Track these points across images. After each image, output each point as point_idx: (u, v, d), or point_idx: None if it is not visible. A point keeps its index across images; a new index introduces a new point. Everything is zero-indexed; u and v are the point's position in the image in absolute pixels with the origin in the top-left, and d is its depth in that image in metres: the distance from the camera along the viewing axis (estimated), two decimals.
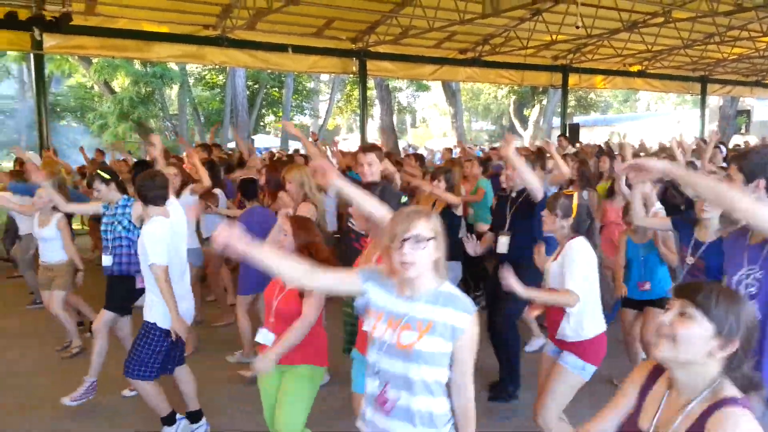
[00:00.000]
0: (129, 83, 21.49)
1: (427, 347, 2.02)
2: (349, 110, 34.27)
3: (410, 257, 2.00)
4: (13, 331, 6.29)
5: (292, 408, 3.05)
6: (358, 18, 12.77)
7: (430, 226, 2.04)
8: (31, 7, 9.89)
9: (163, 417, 3.92)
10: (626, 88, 21.32)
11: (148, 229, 3.73)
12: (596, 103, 41.36)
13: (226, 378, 4.98)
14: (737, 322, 1.57)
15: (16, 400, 4.62)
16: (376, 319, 2.12)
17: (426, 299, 2.06)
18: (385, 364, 2.09)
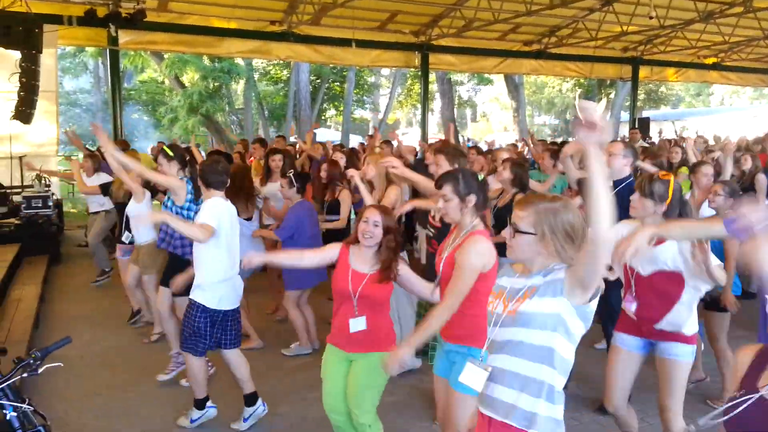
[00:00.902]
0: (198, 78, 22.14)
1: (532, 308, 2.04)
2: (409, 104, 34.24)
3: (509, 241, 2.11)
4: (93, 314, 6.62)
5: (369, 394, 3.14)
6: (422, 11, 12.73)
7: (532, 221, 2.06)
8: (108, 4, 10.36)
9: (197, 399, 4.07)
10: (700, 81, 20.43)
11: (208, 203, 3.89)
12: (667, 97, 39.78)
13: (288, 367, 5.10)
14: None
15: (90, 382, 4.86)
16: (496, 298, 2.20)
17: (537, 273, 2.10)
18: (499, 334, 2.14)
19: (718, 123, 27.91)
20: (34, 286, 6.73)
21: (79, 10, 10.41)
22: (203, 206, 3.92)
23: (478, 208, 2.89)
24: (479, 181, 2.94)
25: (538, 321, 2.04)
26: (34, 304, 6.06)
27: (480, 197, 2.88)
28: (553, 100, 39.44)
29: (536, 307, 2.04)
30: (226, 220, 3.90)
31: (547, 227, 2.04)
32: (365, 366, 3.13)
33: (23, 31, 8.88)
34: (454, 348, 2.89)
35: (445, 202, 2.88)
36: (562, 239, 2.04)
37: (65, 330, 5.88)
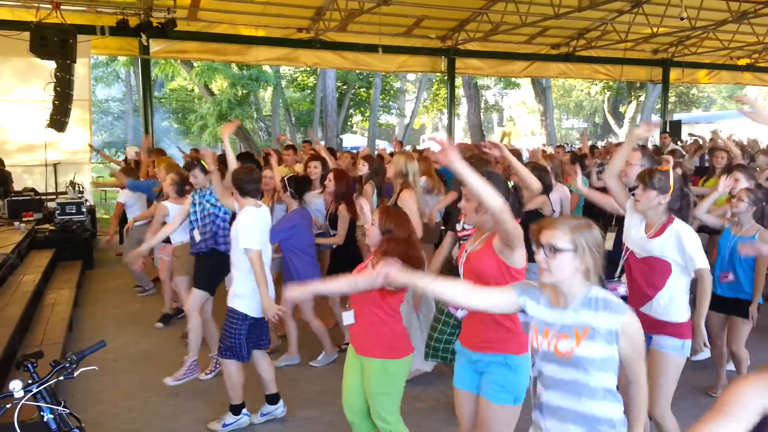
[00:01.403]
0: (227, 86, 22.47)
1: (588, 352, 2.04)
2: (435, 109, 34.22)
3: (544, 264, 2.08)
4: (126, 318, 6.73)
5: (381, 402, 3.10)
6: (448, 16, 12.72)
7: (568, 238, 2.06)
8: (140, 14, 10.57)
9: (233, 405, 4.10)
10: (733, 82, 19.99)
11: (241, 218, 3.94)
12: (698, 99, 39.08)
13: (315, 373, 5.11)
14: None
15: (123, 385, 4.93)
16: (534, 332, 2.19)
17: (580, 304, 2.09)
18: (551, 370, 2.14)
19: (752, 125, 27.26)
20: (68, 291, 6.87)
21: (111, 20, 10.65)
22: (239, 223, 3.92)
23: None
24: (507, 186, 2.90)
25: (597, 365, 2.05)
26: (68, 308, 6.18)
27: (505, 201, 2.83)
28: (581, 103, 39.03)
29: (594, 352, 2.04)
30: (260, 229, 3.95)
31: (584, 242, 2.06)
32: (370, 372, 3.11)
33: (58, 41, 9.12)
34: (485, 357, 2.78)
35: (466, 202, 2.86)
36: (597, 253, 2.09)
37: (98, 333, 5.99)
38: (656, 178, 3.22)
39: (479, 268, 2.77)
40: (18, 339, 5.05)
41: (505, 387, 2.70)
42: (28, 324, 5.58)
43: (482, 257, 2.78)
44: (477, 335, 2.79)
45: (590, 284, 2.10)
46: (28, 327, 5.53)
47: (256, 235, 3.88)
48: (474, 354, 2.81)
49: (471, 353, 2.83)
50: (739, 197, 4.28)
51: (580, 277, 2.09)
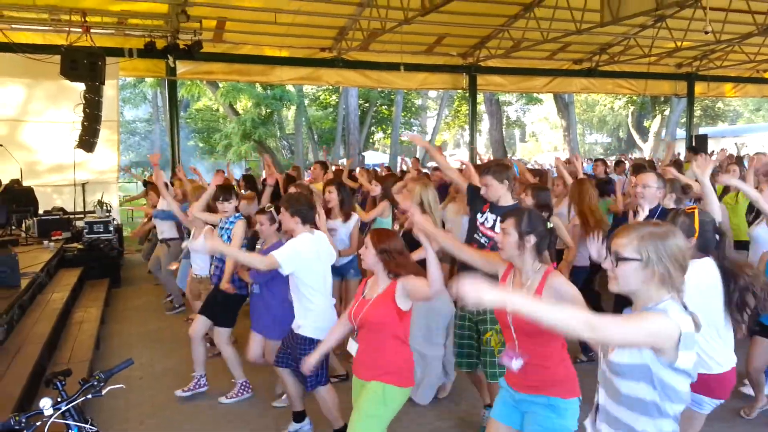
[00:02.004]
0: (251, 105, 22.81)
1: (619, 358, 2.00)
2: (457, 125, 34.25)
3: (611, 273, 2.03)
4: (152, 335, 6.79)
5: (366, 424, 3.03)
6: (469, 33, 12.77)
7: (635, 246, 1.96)
8: (167, 36, 10.81)
9: (336, 429, 4.00)
10: (760, 96, 19.71)
11: (293, 240, 3.92)
12: (724, 113, 38.53)
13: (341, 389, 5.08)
14: None
15: (150, 403, 4.95)
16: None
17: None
18: (602, 382, 2.13)
19: None
20: (95, 309, 6.97)
21: (139, 42, 10.92)
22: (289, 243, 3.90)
23: (539, 253, 2.77)
24: (546, 226, 2.85)
25: (627, 372, 2.00)
26: (96, 325, 6.26)
27: (542, 242, 2.77)
28: (605, 117, 38.73)
29: (624, 358, 2.00)
30: (317, 254, 3.93)
31: (653, 252, 1.94)
32: (368, 392, 3.08)
33: (88, 64, 9.36)
34: (528, 398, 2.73)
35: (503, 236, 2.80)
36: (671, 264, 1.95)
37: (125, 351, 6.06)
38: (678, 222, 3.02)
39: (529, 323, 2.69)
40: (47, 356, 5.13)
41: (549, 430, 2.66)
42: (57, 341, 5.67)
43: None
44: (522, 376, 2.74)
45: (669, 296, 1.96)
46: (57, 344, 5.61)
47: (294, 256, 3.80)
48: (518, 393, 2.76)
49: (515, 392, 2.78)
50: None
51: (657, 287, 1.96)
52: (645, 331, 1.87)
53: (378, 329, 3.10)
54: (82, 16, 9.63)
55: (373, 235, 3.20)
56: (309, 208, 4.02)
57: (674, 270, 1.96)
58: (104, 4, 9.88)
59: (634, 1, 9.13)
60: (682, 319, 1.91)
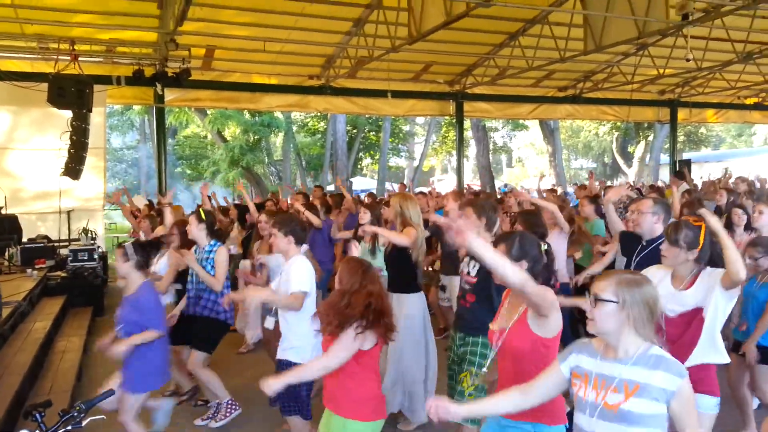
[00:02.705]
0: (239, 132, 22.85)
1: (637, 408, 2.03)
2: (444, 151, 34.51)
3: (589, 314, 2.10)
4: None
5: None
6: (456, 61, 12.95)
7: (613, 290, 2.07)
8: (155, 64, 10.85)
9: None
10: (741, 121, 20.08)
11: (294, 266, 3.85)
12: (707, 138, 39.16)
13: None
14: None
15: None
16: (583, 383, 2.17)
17: (634, 361, 2.07)
18: (596, 426, 2.11)
19: (762, 164, 27.21)
20: (78, 338, 6.85)
21: (127, 70, 10.94)
22: (291, 269, 3.84)
23: (533, 275, 2.66)
24: (540, 249, 2.80)
25: (644, 421, 2.03)
26: (78, 355, 6.15)
27: (535, 266, 2.74)
28: (589, 143, 39.19)
29: (642, 408, 2.03)
30: (312, 279, 3.90)
31: (629, 296, 2.06)
32: (330, 428, 3.04)
33: (75, 92, 9.35)
34: (513, 424, 2.69)
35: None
36: (643, 310, 2.06)
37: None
38: (682, 234, 3.10)
39: (513, 348, 2.71)
40: (28, 387, 5.02)
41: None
42: (38, 371, 5.56)
43: (517, 335, 2.70)
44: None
45: (648, 342, 2.08)
46: (38, 374, 5.50)
47: (308, 278, 3.82)
48: (503, 419, 2.73)
49: (501, 418, 2.75)
50: (752, 257, 4.21)
51: (632, 332, 2.08)
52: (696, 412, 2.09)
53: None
54: (71, 45, 9.65)
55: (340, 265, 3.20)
56: (302, 228, 4.00)
57: (645, 316, 2.06)
58: (93, 32, 9.92)
59: (617, 30, 9.31)
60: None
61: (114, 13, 9.43)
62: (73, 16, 9.40)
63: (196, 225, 4.83)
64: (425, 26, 8.83)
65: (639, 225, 4.02)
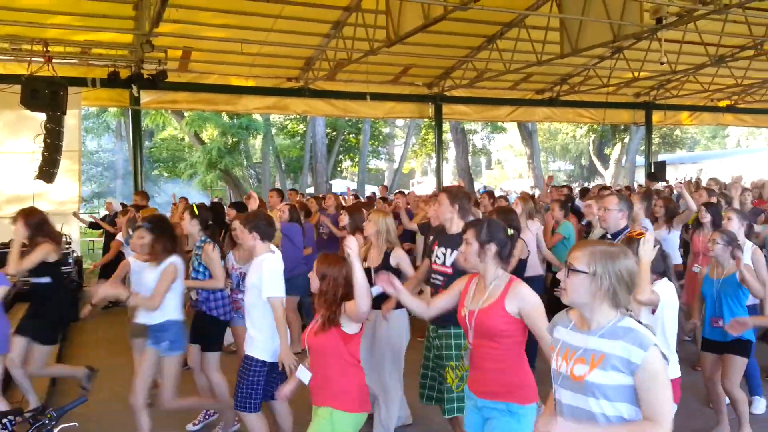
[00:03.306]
0: (217, 134, 22.67)
1: (601, 380, 2.01)
2: (424, 153, 34.62)
3: (563, 284, 2.10)
4: (112, 370, 6.57)
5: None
6: (434, 64, 13.01)
7: (586, 260, 2.06)
8: (131, 66, 10.73)
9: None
10: (714, 124, 20.47)
11: (265, 265, 3.83)
12: (682, 140, 39.80)
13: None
14: None
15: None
16: (556, 354, 2.18)
17: (602, 333, 2.06)
18: (565, 397, 2.11)
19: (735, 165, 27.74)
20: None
21: (102, 72, 10.80)
22: (264, 269, 3.82)
23: (501, 260, 2.88)
24: (507, 234, 2.93)
25: (609, 394, 2.01)
26: (52, 362, 6.04)
27: (503, 249, 2.87)
28: (567, 145, 39.60)
29: (607, 380, 2.00)
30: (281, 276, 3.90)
31: (600, 267, 2.04)
32: (317, 420, 3.08)
33: (49, 94, 9.20)
34: (489, 404, 2.80)
35: (465, 246, 2.91)
36: (616, 281, 2.04)
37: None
38: (634, 247, 3.21)
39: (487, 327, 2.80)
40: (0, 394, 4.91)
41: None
42: (10, 379, 5.44)
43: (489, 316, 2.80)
44: (483, 382, 2.82)
45: (622, 314, 2.06)
46: (10, 382, 5.39)
47: (280, 282, 3.82)
48: (479, 400, 2.84)
49: (477, 399, 2.86)
50: (713, 240, 4.34)
51: (606, 304, 2.06)
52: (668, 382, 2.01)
53: (323, 353, 3.10)
54: (44, 46, 9.50)
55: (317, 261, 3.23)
56: (267, 224, 3.98)
57: (620, 288, 2.04)
58: (67, 34, 9.79)
59: (593, 33, 9.45)
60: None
61: (88, 14, 9.32)
62: (47, 17, 9.27)
63: (190, 220, 4.82)
64: (403, 29, 8.87)
65: (605, 221, 4.21)
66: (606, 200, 4.31)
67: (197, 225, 4.81)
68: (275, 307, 3.76)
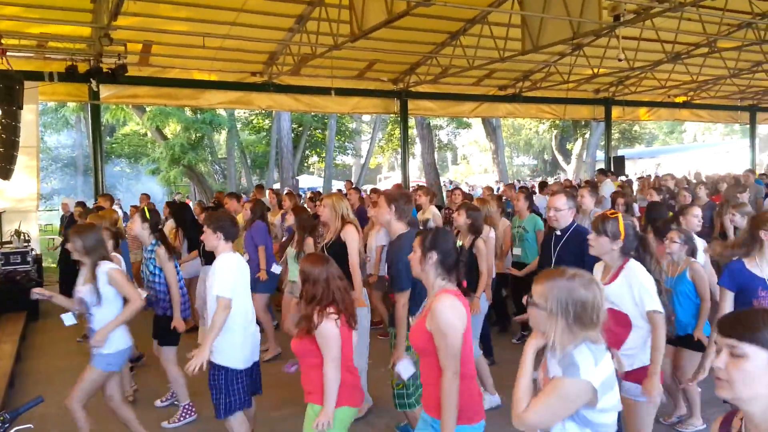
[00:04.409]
0: (180, 129, 22.34)
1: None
2: (391, 149, 34.69)
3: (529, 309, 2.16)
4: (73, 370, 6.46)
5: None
6: (399, 60, 13.05)
7: (542, 294, 2.10)
8: (89, 60, 10.48)
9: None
10: (671, 119, 20.98)
11: (218, 263, 3.82)
12: (641, 136, 40.75)
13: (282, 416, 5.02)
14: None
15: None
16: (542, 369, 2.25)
17: (559, 359, 2.08)
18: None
19: (692, 159, 28.57)
20: (10, 344, 6.59)
21: (60, 66, 10.52)
22: (216, 268, 3.80)
23: (444, 270, 2.75)
24: (453, 244, 2.82)
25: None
26: (10, 362, 5.92)
27: (446, 259, 2.75)
28: (530, 141, 40.17)
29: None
30: (238, 277, 3.83)
31: (554, 303, 2.06)
32: (308, 417, 3.12)
33: (4, 88, 8.93)
34: (429, 419, 2.74)
35: (413, 253, 2.86)
36: (571, 317, 2.05)
37: (42, 388, 5.74)
38: (608, 225, 3.23)
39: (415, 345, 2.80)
40: None
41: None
42: None
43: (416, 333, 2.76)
44: (424, 396, 2.79)
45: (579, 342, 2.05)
46: None
47: (230, 282, 3.75)
48: (427, 416, 2.76)
49: (425, 414, 2.79)
50: (671, 239, 4.46)
51: (565, 332, 2.06)
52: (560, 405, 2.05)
53: (302, 354, 3.14)
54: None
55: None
56: (231, 224, 3.97)
57: (575, 321, 2.06)
58: (22, 26, 9.52)
59: (553, 30, 9.60)
60: (593, 373, 2.02)
61: (44, 6, 9.08)
62: (0, 8, 9.00)
63: (140, 224, 4.82)
64: (367, 24, 8.88)
65: (557, 220, 4.30)
66: (554, 201, 4.37)
67: (147, 228, 4.82)
68: (219, 306, 3.70)
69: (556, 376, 2.05)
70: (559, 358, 2.05)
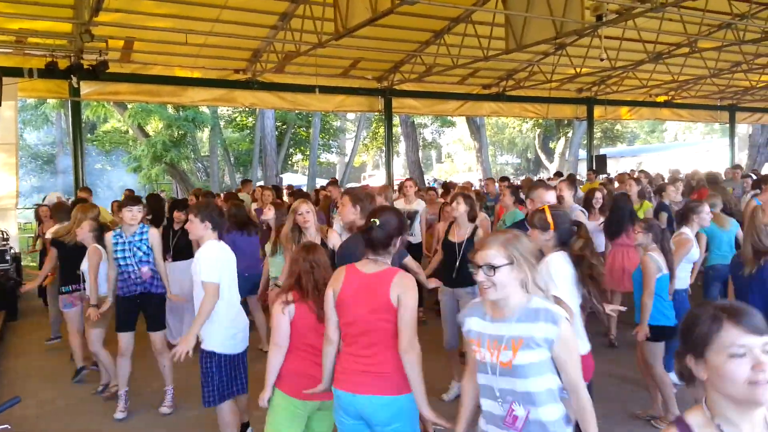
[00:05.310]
0: (162, 127, 22.12)
1: (525, 360, 2.15)
2: (375, 147, 34.69)
3: (487, 283, 2.17)
4: (53, 370, 6.39)
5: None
6: (383, 58, 13.04)
7: (502, 253, 2.17)
8: (70, 56, 10.34)
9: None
10: (653, 118, 21.21)
11: (203, 251, 3.83)
12: (623, 134, 41.12)
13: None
14: None
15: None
16: (477, 345, 2.27)
17: (517, 318, 2.19)
18: (500, 383, 2.22)
19: (673, 158, 28.92)
20: None
21: (40, 62, 10.34)
22: (200, 255, 3.82)
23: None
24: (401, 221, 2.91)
25: (534, 370, 2.16)
26: None
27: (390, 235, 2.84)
28: (514, 139, 40.39)
29: (530, 359, 2.16)
30: (223, 263, 3.86)
31: (518, 253, 2.18)
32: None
33: None
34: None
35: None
36: (532, 260, 2.22)
37: (20, 388, 5.67)
38: (536, 218, 3.43)
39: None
40: None
41: None
42: None
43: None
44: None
45: (530, 294, 2.21)
46: None
47: (215, 267, 3.78)
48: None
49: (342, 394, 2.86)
50: (636, 230, 4.62)
51: (518, 289, 2.19)
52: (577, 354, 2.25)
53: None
54: None
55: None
56: (219, 214, 4.00)
57: (535, 266, 2.23)
58: (1, 22, 9.36)
59: (536, 30, 9.65)
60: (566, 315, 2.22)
61: (24, 1, 8.93)
62: None
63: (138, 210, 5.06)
64: (351, 22, 8.86)
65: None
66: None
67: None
68: (206, 292, 3.72)
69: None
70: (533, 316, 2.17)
